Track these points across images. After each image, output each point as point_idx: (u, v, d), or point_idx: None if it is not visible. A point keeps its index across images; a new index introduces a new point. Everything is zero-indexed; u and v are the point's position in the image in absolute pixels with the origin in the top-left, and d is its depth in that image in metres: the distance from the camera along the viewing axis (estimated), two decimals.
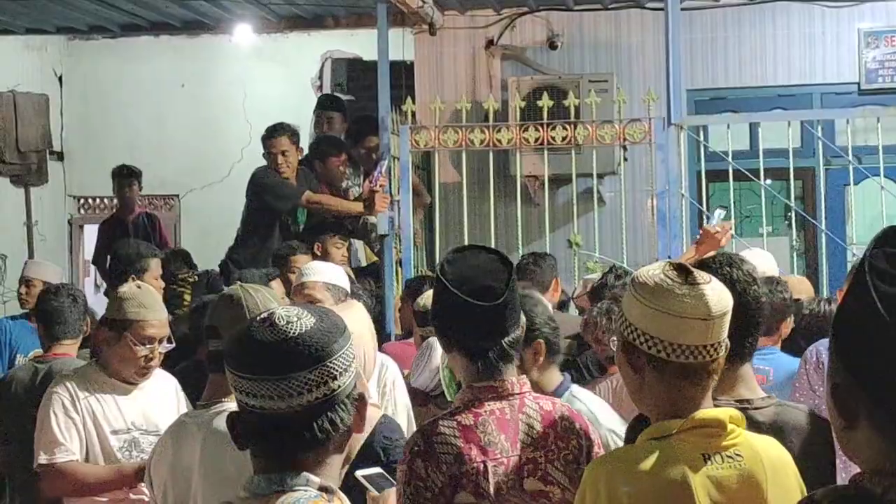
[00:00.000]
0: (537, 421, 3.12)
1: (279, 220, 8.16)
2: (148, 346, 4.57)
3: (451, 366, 3.24)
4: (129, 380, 4.66)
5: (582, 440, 3.17)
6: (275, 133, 8.19)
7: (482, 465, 3.02)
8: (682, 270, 2.63)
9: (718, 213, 6.40)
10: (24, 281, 7.71)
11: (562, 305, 7.10)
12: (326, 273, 5.28)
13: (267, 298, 3.62)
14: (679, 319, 2.57)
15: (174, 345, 4.78)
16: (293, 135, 8.30)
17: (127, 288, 4.72)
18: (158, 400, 4.67)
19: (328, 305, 4.79)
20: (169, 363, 5.12)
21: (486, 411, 3.08)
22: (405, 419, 4.79)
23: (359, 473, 3.30)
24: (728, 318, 2.63)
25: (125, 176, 9.93)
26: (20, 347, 7.27)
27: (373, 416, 3.80)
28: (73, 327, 5.49)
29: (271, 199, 8.03)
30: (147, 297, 4.58)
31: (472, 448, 3.02)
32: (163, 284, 6.59)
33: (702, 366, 2.61)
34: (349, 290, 5.34)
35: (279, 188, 8.03)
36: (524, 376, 3.20)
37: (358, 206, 7.98)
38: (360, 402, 2.25)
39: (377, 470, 3.34)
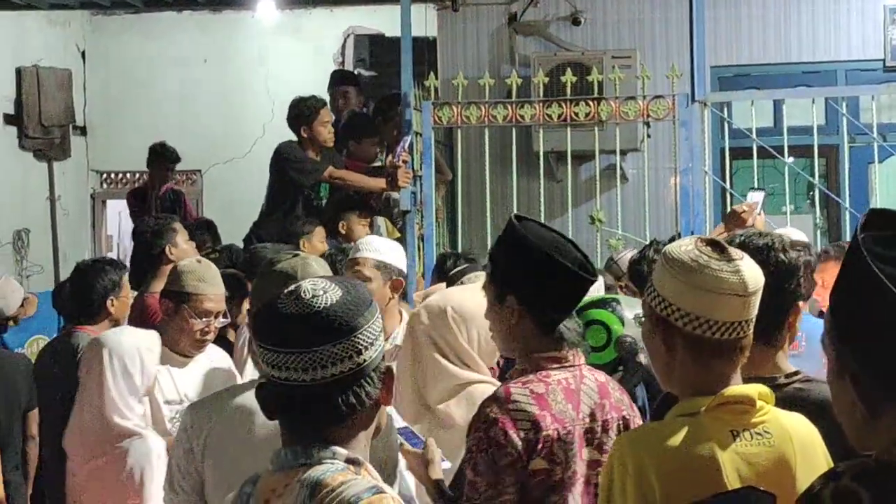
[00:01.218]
0: (595, 392, 3.18)
1: (302, 195, 8.15)
2: (204, 320, 4.63)
3: (511, 332, 3.19)
4: (184, 352, 4.72)
5: (629, 411, 3.25)
6: (322, 104, 8.18)
7: (556, 433, 3.06)
8: (716, 246, 2.61)
9: (755, 195, 6.39)
10: (11, 319, 7.47)
11: None
12: (381, 250, 5.17)
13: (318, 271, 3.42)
14: (717, 296, 2.55)
15: (230, 320, 4.84)
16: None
17: (188, 261, 4.79)
18: (212, 374, 4.70)
19: (375, 285, 4.75)
20: None
21: (554, 381, 3.12)
22: None
23: (395, 426, 3.33)
24: (760, 294, 2.62)
25: (167, 158, 9.94)
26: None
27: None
28: (91, 309, 5.54)
29: (295, 173, 8.01)
30: (206, 271, 4.63)
31: (547, 415, 3.05)
32: (193, 245, 6.60)
33: (734, 342, 2.59)
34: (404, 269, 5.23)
35: (303, 163, 8.02)
36: (579, 349, 3.24)
37: (380, 183, 7.97)
38: (388, 375, 2.26)
39: (403, 424, 3.35)
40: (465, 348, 3.94)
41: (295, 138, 8.12)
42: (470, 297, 4.00)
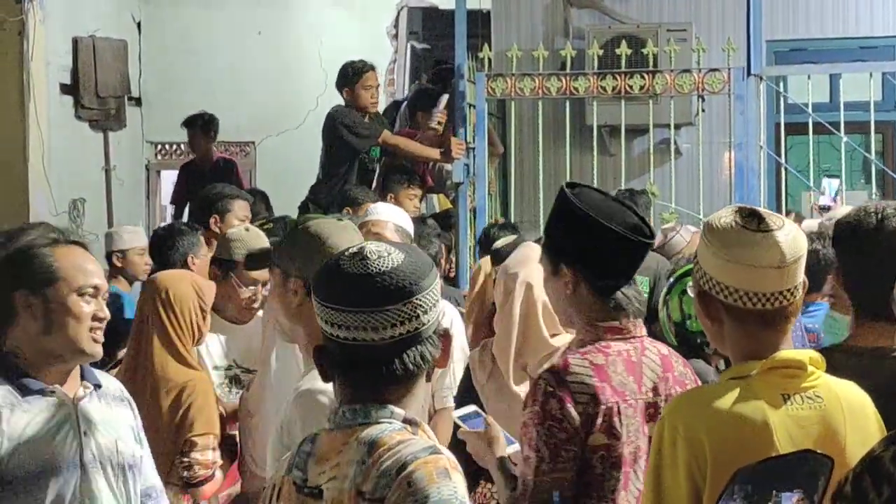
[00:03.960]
0: (657, 365, 3.09)
1: (358, 159, 8.12)
2: (251, 289, 4.65)
3: (568, 302, 3.11)
4: (232, 319, 4.75)
5: (693, 385, 3.14)
6: (368, 68, 8.16)
7: (616, 406, 2.96)
8: (754, 216, 2.60)
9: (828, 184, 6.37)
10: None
11: None
12: (395, 215, 5.17)
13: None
14: (753, 269, 2.55)
15: None
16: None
17: (236, 230, 4.81)
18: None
19: None
20: None
21: (614, 352, 3.03)
22: (462, 365, 4.63)
23: (455, 414, 3.32)
24: (803, 261, 2.60)
25: (198, 126, 10.03)
26: None
27: None
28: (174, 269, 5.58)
29: (350, 137, 7.98)
30: (255, 240, 4.63)
31: (606, 388, 2.97)
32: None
33: (779, 311, 2.59)
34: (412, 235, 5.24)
35: (358, 127, 8.00)
36: (639, 319, 3.14)
37: (434, 152, 7.96)
38: (445, 337, 2.29)
39: (472, 408, 3.33)
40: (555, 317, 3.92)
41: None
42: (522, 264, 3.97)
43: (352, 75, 8.07)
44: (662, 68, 7.76)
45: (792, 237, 2.59)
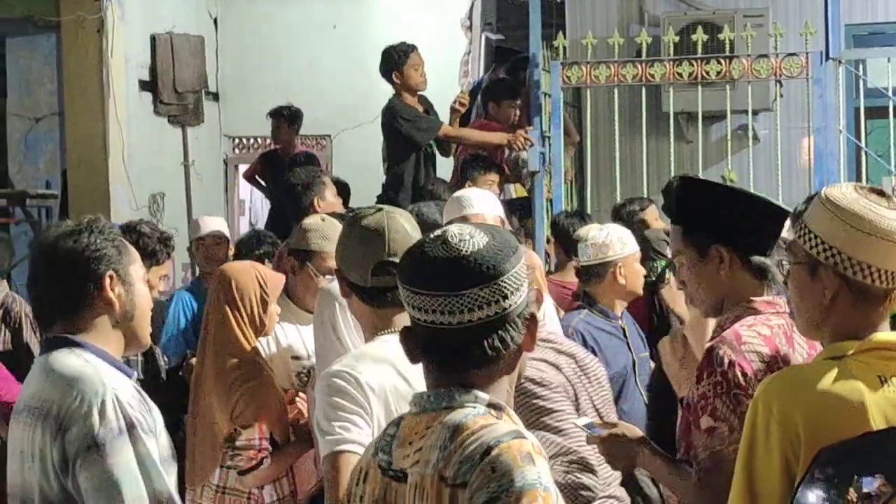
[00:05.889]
0: (804, 341, 3.09)
1: (422, 152, 8.09)
2: (328, 277, 4.64)
3: (722, 282, 3.15)
4: (311, 309, 4.76)
5: None
6: (411, 48, 8.05)
7: None
8: (882, 194, 2.60)
9: None
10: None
11: None
12: (494, 203, 5.05)
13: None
14: (888, 244, 2.54)
15: None
16: None
17: (312, 219, 4.81)
18: None
19: None
20: None
21: (775, 325, 3.06)
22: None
23: (578, 423, 3.44)
24: None
25: (284, 117, 10.12)
26: None
27: None
28: None
29: (412, 131, 7.95)
30: (330, 229, 4.59)
31: (777, 358, 2.98)
32: (340, 201, 6.56)
33: (887, 292, 2.59)
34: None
35: (419, 121, 7.96)
36: (783, 297, 3.16)
37: (497, 136, 7.93)
38: (532, 321, 2.29)
39: (586, 420, 3.43)
40: None
41: None
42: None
43: (398, 58, 8.03)
44: (739, 53, 7.70)
45: None
